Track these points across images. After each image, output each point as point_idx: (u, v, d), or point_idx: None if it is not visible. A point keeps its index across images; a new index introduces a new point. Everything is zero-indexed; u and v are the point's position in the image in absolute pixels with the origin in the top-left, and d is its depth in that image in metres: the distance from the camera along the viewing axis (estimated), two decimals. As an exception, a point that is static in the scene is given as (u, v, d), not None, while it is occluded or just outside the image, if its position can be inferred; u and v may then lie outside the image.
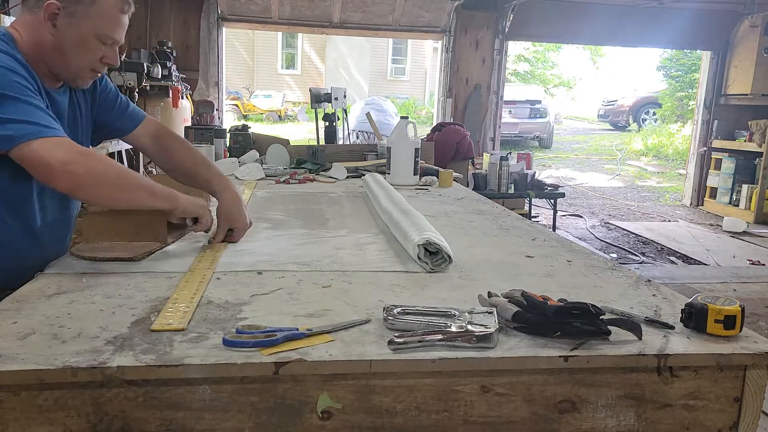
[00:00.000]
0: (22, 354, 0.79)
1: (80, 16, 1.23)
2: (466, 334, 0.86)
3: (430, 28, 7.30)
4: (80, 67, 1.29)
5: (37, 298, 1.01)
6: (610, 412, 0.88)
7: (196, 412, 0.80)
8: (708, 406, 0.89)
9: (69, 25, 1.23)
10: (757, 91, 7.40)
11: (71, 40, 1.24)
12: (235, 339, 0.84)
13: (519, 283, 1.13)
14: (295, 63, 19.44)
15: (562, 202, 6.76)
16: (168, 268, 1.21)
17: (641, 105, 15.90)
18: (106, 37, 1.27)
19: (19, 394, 0.76)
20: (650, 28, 7.33)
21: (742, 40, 7.57)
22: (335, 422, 0.82)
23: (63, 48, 1.24)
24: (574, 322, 0.88)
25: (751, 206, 7.27)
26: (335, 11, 6.95)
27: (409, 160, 2.52)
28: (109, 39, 1.28)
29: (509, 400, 0.85)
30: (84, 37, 1.25)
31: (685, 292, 2.28)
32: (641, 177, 11.16)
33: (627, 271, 1.30)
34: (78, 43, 1.25)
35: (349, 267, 1.26)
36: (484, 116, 7.28)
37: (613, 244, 5.99)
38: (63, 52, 1.25)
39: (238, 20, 7.03)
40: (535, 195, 5.37)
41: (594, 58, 20.11)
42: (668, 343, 0.90)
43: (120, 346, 0.82)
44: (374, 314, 0.96)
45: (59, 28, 1.23)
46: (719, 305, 0.92)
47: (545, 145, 13.66)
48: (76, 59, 1.27)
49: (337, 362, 0.81)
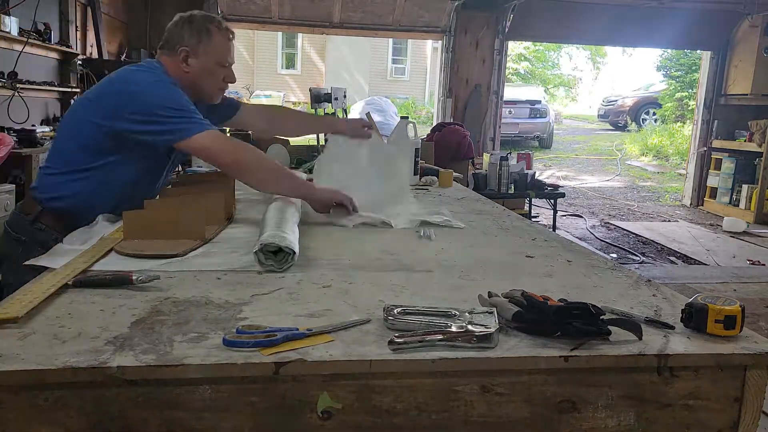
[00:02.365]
0: (22, 354, 0.79)
1: (203, 53, 1.67)
2: (466, 334, 0.86)
3: (430, 28, 7.31)
4: (211, 88, 1.74)
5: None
6: (610, 412, 0.88)
7: (196, 412, 0.80)
8: (708, 406, 0.89)
9: (197, 62, 1.67)
10: (757, 91, 7.40)
11: (202, 72, 1.68)
12: (235, 339, 0.84)
13: (519, 283, 1.13)
14: (296, 63, 19.44)
15: (562, 202, 6.76)
16: (167, 267, 1.21)
17: (641, 105, 15.90)
18: (224, 62, 1.72)
19: (19, 394, 0.76)
20: (650, 28, 7.33)
21: (742, 40, 7.57)
22: (335, 422, 0.82)
23: (197, 79, 1.68)
24: (574, 322, 0.88)
25: (751, 206, 7.28)
26: (335, 11, 6.96)
27: (409, 160, 2.52)
28: (226, 62, 1.72)
29: (509, 400, 0.85)
30: (210, 67, 1.69)
31: (685, 292, 2.28)
32: (641, 177, 11.17)
33: (627, 271, 1.30)
34: (207, 73, 1.69)
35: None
36: (484, 116, 7.28)
37: (613, 244, 5.99)
38: (197, 81, 1.69)
39: (238, 20, 7.02)
40: (535, 195, 5.37)
41: (594, 58, 20.11)
42: (668, 343, 0.90)
43: (120, 346, 0.82)
44: (374, 314, 0.96)
45: (191, 66, 1.67)
46: (719, 305, 0.92)
47: (545, 145, 13.66)
48: (208, 85, 1.72)
49: (337, 362, 0.81)
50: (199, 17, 1.69)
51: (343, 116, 6.55)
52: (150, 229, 1.40)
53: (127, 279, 1.07)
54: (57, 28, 4.89)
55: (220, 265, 1.24)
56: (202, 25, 1.67)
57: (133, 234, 1.39)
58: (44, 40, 4.44)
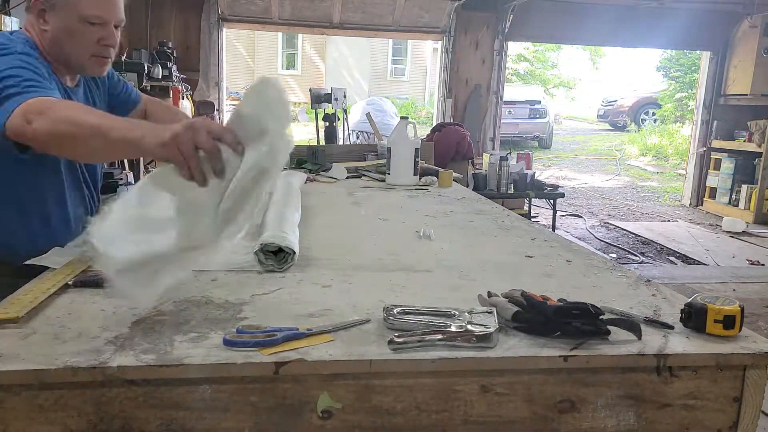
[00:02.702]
0: (22, 354, 0.79)
1: (60, 5, 1.29)
2: (466, 333, 0.86)
3: (430, 28, 7.31)
4: (79, 54, 1.33)
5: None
6: (609, 411, 0.88)
7: (196, 411, 0.80)
8: (707, 406, 0.89)
9: (55, 17, 1.30)
10: (756, 92, 7.40)
11: (60, 30, 1.30)
12: (236, 339, 0.84)
13: (519, 283, 1.13)
14: (296, 63, 19.44)
15: (561, 202, 6.75)
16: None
17: (641, 105, 15.90)
18: (92, 17, 1.31)
19: (19, 394, 0.76)
20: (650, 29, 7.33)
21: (742, 40, 7.57)
22: (335, 422, 0.82)
23: (57, 40, 1.31)
24: (573, 322, 0.88)
25: (750, 206, 7.28)
26: (335, 12, 6.96)
27: (409, 160, 2.52)
28: (96, 18, 1.31)
29: (509, 399, 0.85)
30: (70, 25, 1.30)
31: (685, 292, 2.28)
32: (641, 177, 11.17)
33: (626, 271, 1.30)
34: (67, 32, 1.30)
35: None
36: (484, 116, 7.28)
37: (612, 244, 5.99)
38: (59, 44, 1.31)
39: (238, 21, 7.03)
40: (535, 195, 5.37)
41: (594, 59, 20.10)
42: (668, 343, 0.90)
43: (120, 345, 0.83)
44: (374, 314, 0.96)
45: (49, 23, 1.30)
46: (719, 305, 0.92)
47: (545, 146, 13.65)
48: (71, 47, 1.32)
49: (338, 362, 0.81)
50: None
51: (343, 116, 6.56)
52: None
53: None
54: (57, 29, 4.88)
55: (221, 265, 1.24)
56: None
57: None
58: (44, 41, 4.44)
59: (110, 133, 1.01)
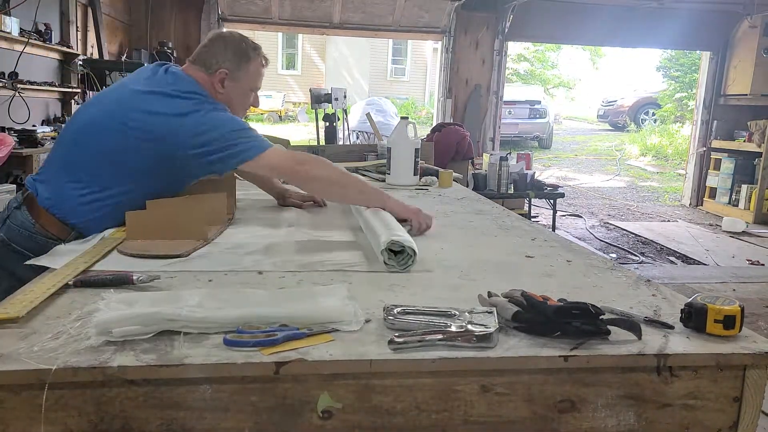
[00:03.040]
0: (23, 354, 0.79)
1: (240, 79, 1.66)
2: (466, 333, 0.86)
3: (430, 28, 7.31)
4: (241, 112, 1.73)
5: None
6: (609, 411, 0.88)
7: (196, 411, 0.80)
8: (707, 406, 0.89)
9: (233, 86, 1.66)
10: (756, 92, 7.41)
11: (236, 95, 1.68)
12: (236, 339, 0.84)
13: (519, 283, 1.13)
14: (296, 63, 19.44)
15: (561, 203, 6.76)
16: (168, 268, 1.21)
17: (641, 105, 15.90)
18: (255, 88, 1.73)
19: (19, 394, 0.76)
20: (650, 29, 7.33)
21: (742, 40, 7.58)
22: (335, 422, 0.82)
23: (230, 101, 1.65)
24: (573, 322, 0.88)
25: (750, 206, 7.28)
26: (335, 12, 6.96)
27: (409, 160, 2.52)
28: (257, 89, 1.75)
29: (509, 399, 0.86)
30: (244, 92, 1.70)
31: (685, 292, 2.29)
32: (641, 177, 11.17)
33: (626, 271, 1.30)
34: (241, 96, 1.70)
35: (354, 267, 1.25)
36: (484, 116, 7.28)
37: (612, 244, 5.99)
38: (229, 104, 1.64)
39: (238, 21, 7.02)
40: (535, 195, 5.37)
41: (594, 59, 20.10)
42: (668, 342, 0.90)
43: (121, 345, 0.82)
44: (374, 314, 0.96)
45: (226, 88, 1.65)
46: (719, 305, 0.92)
47: (545, 146, 13.66)
48: (238, 108, 1.70)
49: (338, 362, 0.81)
50: (241, 42, 1.68)
51: (343, 116, 6.56)
52: (152, 229, 1.40)
53: (127, 279, 1.07)
54: (58, 29, 4.89)
55: (221, 266, 1.24)
56: (243, 51, 1.66)
57: (135, 234, 1.40)
58: (45, 41, 4.45)
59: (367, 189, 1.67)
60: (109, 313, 0.85)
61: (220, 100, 1.62)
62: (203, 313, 0.88)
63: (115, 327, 0.82)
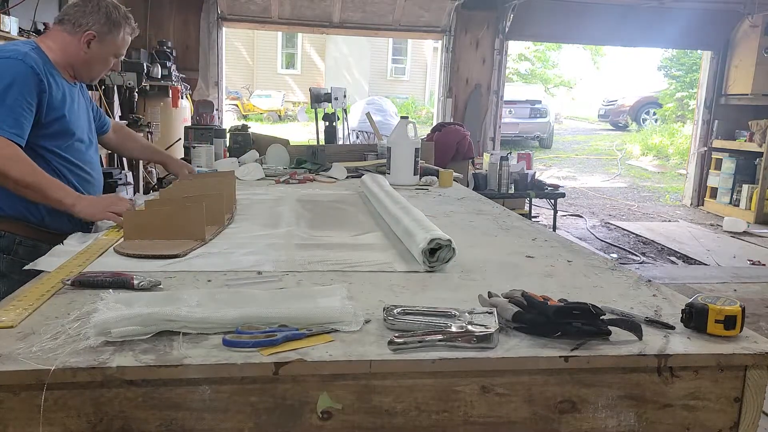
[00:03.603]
0: (22, 354, 0.79)
1: (107, 42, 1.75)
2: (466, 334, 0.86)
3: (430, 27, 7.30)
4: (98, 74, 1.85)
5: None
6: (610, 412, 0.87)
7: (196, 412, 0.80)
8: (708, 407, 0.89)
9: (99, 48, 1.74)
10: (757, 91, 7.40)
11: (99, 58, 1.76)
12: (235, 339, 0.83)
13: (519, 283, 1.13)
14: (296, 63, 19.44)
15: (562, 202, 6.76)
16: (168, 268, 1.21)
17: (642, 105, 15.89)
18: (119, 54, 1.82)
19: (19, 394, 0.76)
20: (650, 28, 7.33)
21: (743, 40, 7.57)
22: (335, 422, 0.82)
23: (91, 63, 1.76)
24: (574, 323, 0.88)
25: (751, 206, 7.28)
26: (335, 11, 6.96)
27: (409, 160, 2.52)
28: (120, 55, 1.84)
29: (509, 400, 0.85)
30: (106, 56, 1.78)
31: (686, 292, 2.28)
32: (641, 177, 11.16)
33: (627, 271, 1.30)
34: (102, 60, 1.78)
35: (355, 267, 1.25)
36: (484, 116, 7.28)
37: (613, 244, 5.99)
38: (90, 65, 1.77)
39: (237, 20, 7.02)
40: (536, 195, 5.37)
41: (594, 58, 20.09)
42: (668, 343, 0.90)
43: (120, 346, 0.82)
44: (374, 314, 0.96)
45: (91, 49, 1.73)
46: (719, 305, 0.92)
47: (545, 145, 13.65)
48: (99, 70, 1.82)
49: (337, 362, 0.81)
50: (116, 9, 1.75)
51: (343, 116, 6.55)
52: (150, 229, 1.40)
53: (127, 283, 1.06)
54: (57, 28, 4.88)
55: (221, 266, 1.24)
56: (115, 18, 1.74)
57: (133, 234, 1.39)
58: (44, 40, 4.44)
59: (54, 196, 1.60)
60: (107, 314, 0.85)
61: (80, 60, 1.72)
62: (202, 313, 0.88)
63: (113, 327, 0.82)
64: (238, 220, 1.72)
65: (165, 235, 1.40)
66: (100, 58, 1.76)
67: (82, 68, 1.76)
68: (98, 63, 1.77)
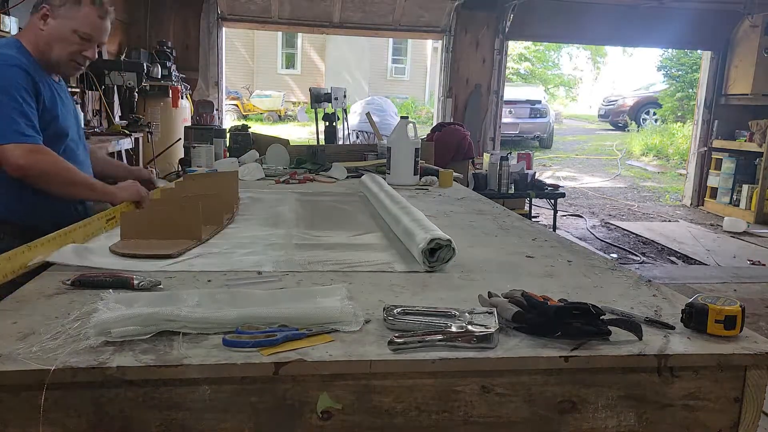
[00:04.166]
0: (22, 354, 0.79)
1: (63, 16, 1.62)
2: (466, 334, 0.86)
3: (430, 27, 7.30)
4: (61, 56, 1.65)
5: (37, 298, 1.01)
6: (610, 412, 0.87)
7: (195, 412, 0.80)
8: (708, 407, 0.89)
9: (55, 23, 1.62)
10: (757, 91, 7.40)
11: (55, 33, 1.63)
12: (235, 339, 0.83)
13: (519, 283, 1.13)
14: (295, 63, 19.43)
15: (562, 202, 6.75)
16: (168, 268, 1.21)
17: (642, 105, 15.89)
18: (84, 34, 1.65)
19: (19, 394, 0.76)
20: (650, 28, 7.33)
21: (743, 39, 7.57)
22: (335, 422, 0.82)
23: (49, 40, 1.63)
24: (574, 323, 0.88)
25: (751, 206, 7.27)
26: (335, 11, 6.95)
27: (409, 160, 2.52)
28: (87, 36, 1.65)
29: (509, 400, 0.85)
30: (65, 32, 1.63)
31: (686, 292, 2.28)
32: (641, 177, 11.16)
33: (627, 271, 1.30)
34: (60, 37, 1.63)
35: (355, 267, 1.25)
36: (484, 116, 7.27)
37: (613, 245, 5.99)
38: (49, 44, 1.63)
39: (237, 20, 7.02)
40: (536, 195, 5.36)
41: (595, 58, 20.10)
42: (669, 343, 0.90)
43: (120, 346, 0.82)
44: (374, 314, 0.96)
45: (48, 25, 1.62)
46: (719, 305, 0.92)
47: (545, 145, 13.65)
48: (58, 49, 1.64)
49: (337, 362, 0.81)
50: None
51: (343, 116, 6.55)
52: (147, 229, 1.39)
53: (128, 283, 1.06)
54: (57, 28, 4.88)
55: (221, 266, 1.24)
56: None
57: (130, 234, 1.39)
58: (44, 40, 4.44)
59: (97, 186, 1.65)
60: (107, 314, 0.85)
61: (42, 40, 1.63)
62: (202, 313, 0.88)
63: (113, 327, 0.82)
64: (238, 220, 1.72)
65: (161, 234, 1.39)
66: (57, 35, 1.62)
67: (46, 52, 1.64)
68: (57, 41, 1.63)
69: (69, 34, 1.63)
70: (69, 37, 1.63)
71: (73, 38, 1.64)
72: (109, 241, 1.38)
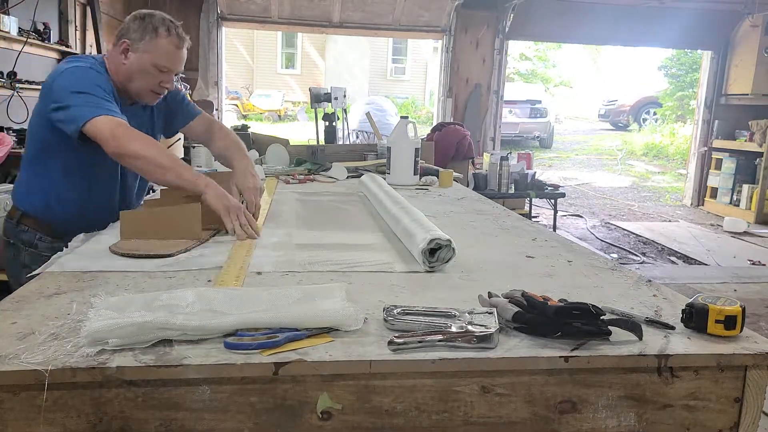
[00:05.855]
0: (21, 354, 0.79)
1: (142, 51, 1.66)
2: (466, 334, 0.86)
3: (430, 27, 7.30)
4: (141, 88, 1.70)
5: (37, 298, 1.01)
6: (610, 412, 0.87)
7: (195, 412, 0.80)
8: (708, 407, 0.89)
9: (135, 57, 1.66)
10: (757, 91, 7.40)
11: (136, 68, 1.66)
12: (237, 342, 0.83)
13: (519, 284, 1.13)
14: (295, 62, 19.43)
15: (562, 202, 6.76)
16: (169, 267, 1.21)
17: (642, 105, 15.89)
18: (162, 66, 1.68)
19: (18, 394, 0.76)
20: (650, 28, 7.33)
21: (743, 39, 7.57)
22: (335, 423, 0.82)
23: (130, 74, 1.67)
24: (574, 323, 0.88)
25: (751, 206, 7.27)
26: (335, 11, 6.95)
27: (409, 159, 2.52)
28: (165, 68, 1.69)
29: (509, 400, 0.85)
30: (145, 66, 1.66)
31: (686, 292, 2.28)
32: (642, 177, 11.16)
33: (627, 271, 1.30)
34: (140, 70, 1.67)
35: (355, 267, 1.25)
36: (484, 116, 7.27)
37: (613, 245, 5.99)
38: (130, 77, 1.67)
39: (237, 20, 7.02)
40: (536, 195, 5.37)
41: (595, 58, 20.09)
42: (669, 343, 0.90)
43: (119, 346, 0.82)
44: (374, 314, 0.96)
45: (129, 59, 1.66)
46: (720, 305, 0.92)
47: (545, 145, 13.65)
48: (139, 82, 1.68)
49: (337, 362, 0.81)
50: (153, 17, 1.68)
51: (343, 116, 6.55)
52: (147, 229, 1.40)
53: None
54: (56, 28, 4.89)
55: (221, 265, 1.24)
56: (150, 25, 1.66)
57: (130, 234, 1.39)
58: (44, 40, 4.44)
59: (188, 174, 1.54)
60: (99, 322, 0.82)
61: (123, 73, 1.67)
62: (199, 321, 0.85)
63: (106, 337, 0.80)
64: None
65: (161, 234, 1.40)
66: (138, 69, 1.65)
67: (126, 83, 1.68)
68: (137, 74, 1.66)
69: (149, 67, 1.66)
70: (149, 69, 1.66)
71: (153, 71, 1.67)
72: (109, 241, 1.38)
